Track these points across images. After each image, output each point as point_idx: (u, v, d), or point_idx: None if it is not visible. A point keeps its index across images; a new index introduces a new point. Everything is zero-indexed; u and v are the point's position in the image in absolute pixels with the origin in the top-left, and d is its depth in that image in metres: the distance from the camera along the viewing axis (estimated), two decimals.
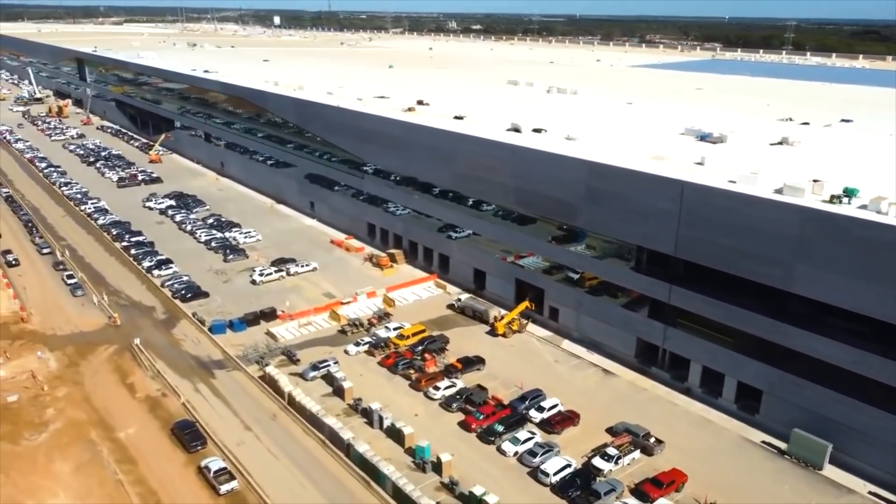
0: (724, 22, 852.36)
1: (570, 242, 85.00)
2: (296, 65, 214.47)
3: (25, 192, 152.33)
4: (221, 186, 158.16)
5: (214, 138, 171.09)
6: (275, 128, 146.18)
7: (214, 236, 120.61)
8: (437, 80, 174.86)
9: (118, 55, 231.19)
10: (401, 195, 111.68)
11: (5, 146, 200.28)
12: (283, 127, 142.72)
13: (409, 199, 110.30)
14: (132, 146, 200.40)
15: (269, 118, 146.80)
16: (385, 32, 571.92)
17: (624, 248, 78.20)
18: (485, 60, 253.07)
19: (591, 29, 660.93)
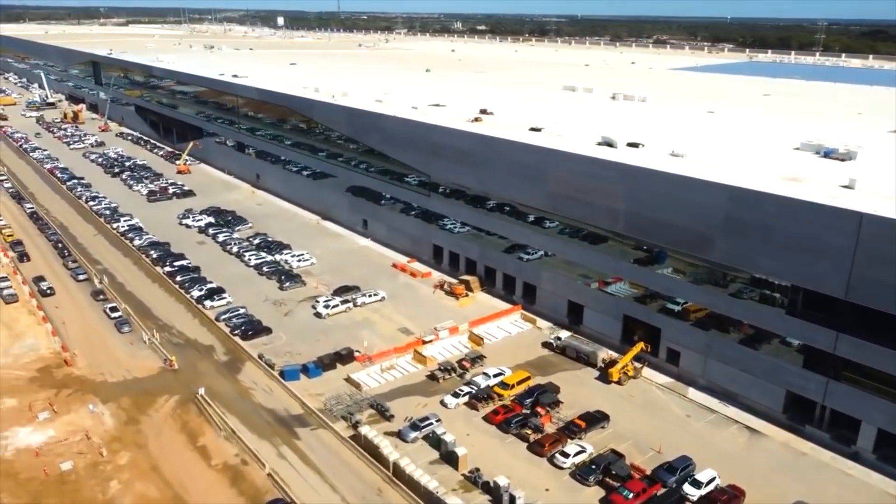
0: (727, 22, 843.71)
1: (696, 278, 74.38)
2: (325, 68, 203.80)
3: (50, 207, 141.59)
4: (259, 200, 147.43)
5: (248, 148, 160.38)
6: (320, 138, 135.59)
7: (265, 260, 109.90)
8: (484, 86, 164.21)
9: (139, 58, 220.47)
10: (473, 215, 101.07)
11: (23, 155, 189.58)
12: (329, 137, 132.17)
13: (482, 219, 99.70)
14: (156, 155, 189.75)
15: (314, 127, 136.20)
16: (390, 33, 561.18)
17: (761, 283, 67.62)
18: (517, 63, 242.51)
19: (596, 29, 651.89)
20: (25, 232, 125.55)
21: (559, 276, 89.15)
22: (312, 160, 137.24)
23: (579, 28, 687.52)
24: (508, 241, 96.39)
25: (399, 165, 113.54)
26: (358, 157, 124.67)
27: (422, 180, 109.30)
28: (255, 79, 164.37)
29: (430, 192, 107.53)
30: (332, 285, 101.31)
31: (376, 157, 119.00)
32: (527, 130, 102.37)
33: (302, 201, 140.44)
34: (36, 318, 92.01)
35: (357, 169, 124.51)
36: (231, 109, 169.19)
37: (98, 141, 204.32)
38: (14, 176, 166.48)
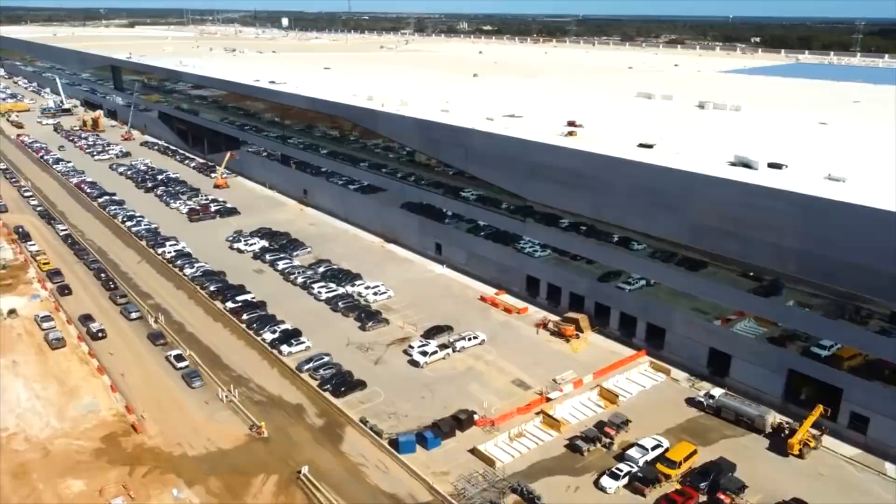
0: (728, 21, 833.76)
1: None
2: (363, 73, 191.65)
3: (84, 228, 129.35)
4: (311, 220, 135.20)
5: (294, 161, 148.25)
6: (382, 152, 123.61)
7: (336, 292, 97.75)
8: (547, 93, 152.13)
9: (164, 63, 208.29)
10: (582, 244, 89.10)
11: (46, 167, 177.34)
12: (392, 151, 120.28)
13: (593, 250, 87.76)
14: (188, 167, 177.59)
15: (375, 140, 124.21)
16: (395, 33, 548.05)
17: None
18: (560, 66, 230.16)
19: (604, 29, 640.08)
20: (62, 259, 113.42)
21: (695, 318, 77.10)
22: (373, 176, 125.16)
23: (586, 28, 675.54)
24: (620, 273, 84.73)
25: (484, 185, 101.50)
26: (430, 175, 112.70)
27: (515, 203, 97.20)
28: (296, 85, 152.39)
29: (526, 218, 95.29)
30: (419, 324, 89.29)
31: (453, 175, 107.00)
32: (635, 147, 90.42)
33: (360, 221, 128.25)
34: (89, 368, 79.93)
35: (429, 188, 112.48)
36: (273, 118, 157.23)
37: (123, 151, 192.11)
38: (39, 191, 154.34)
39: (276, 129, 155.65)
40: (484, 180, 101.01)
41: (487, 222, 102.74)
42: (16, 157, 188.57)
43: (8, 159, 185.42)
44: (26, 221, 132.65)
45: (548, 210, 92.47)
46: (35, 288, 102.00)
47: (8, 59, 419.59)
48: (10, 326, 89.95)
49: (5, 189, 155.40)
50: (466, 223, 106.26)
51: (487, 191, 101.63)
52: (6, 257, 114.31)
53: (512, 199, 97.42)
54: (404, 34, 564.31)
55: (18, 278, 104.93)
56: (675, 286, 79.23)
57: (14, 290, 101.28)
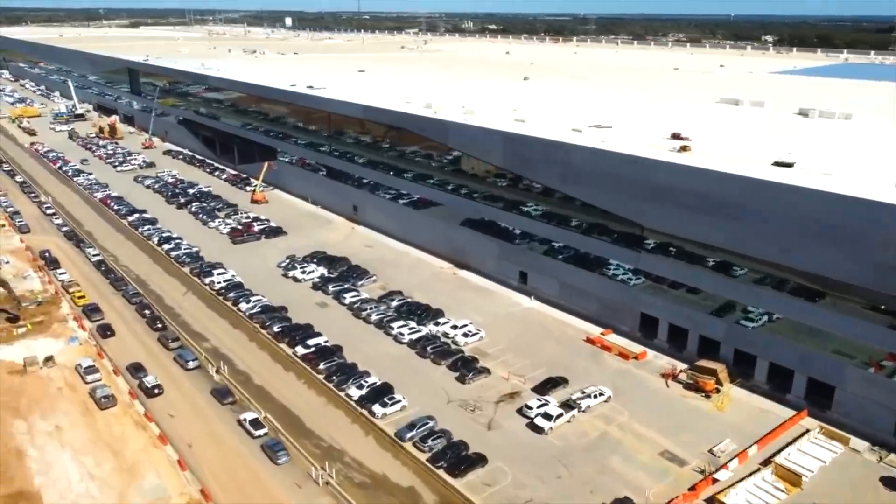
0: (730, 20, 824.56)
1: None
2: (401, 76, 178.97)
3: (118, 253, 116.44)
4: (366, 240, 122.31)
5: (342, 173, 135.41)
6: (451, 167, 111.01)
7: (420, 333, 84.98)
8: (616, 98, 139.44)
9: (186, 65, 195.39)
10: (716, 281, 76.45)
11: (66, 180, 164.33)
12: (462, 166, 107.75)
13: (732, 288, 75.13)
14: (218, 179, 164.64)
15: (441, 154, 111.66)
16: (409, 33, 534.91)
17: None
18: (602, 67, 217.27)
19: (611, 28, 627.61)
20: (97, 290, 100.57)
21: (876, 376, 64.45)
22: (437, 192, 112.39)
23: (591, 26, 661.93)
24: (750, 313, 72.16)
25: (583, 208, 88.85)
26: (511, 194, 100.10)
27: (622, 229, 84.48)
28: (337, 90, 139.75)
29: (641, 249, 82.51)
30: (526, 374, 76.56)
31: (542, 196, 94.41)
32: (770, 165, 77.79)
33: (422, 242, 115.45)
34: (148, 435, 67.19)
35: (510, 208, 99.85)
36: (315, 127, 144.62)
37: (146, 161, 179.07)
38: (62, 208, 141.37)
39: (319, 138, 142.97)
40: (585, 202, 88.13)
41: (587, 249, 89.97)
42: (32, 169, 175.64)
43: (24, 171, 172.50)
44: (52, 244, 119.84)
45: (664, 238, 79.79)
46: (71, 328, 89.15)
47: (12, 60, 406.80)
48: (47, 378, 77.19)
49: (25, 205, 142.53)
50: (552, 246, 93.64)
51: (582, 213, 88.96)
52: (34, 288, 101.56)
53: (616, 223, 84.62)
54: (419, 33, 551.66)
55: (51, 315, 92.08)
56: (845, 332, 66.68)
57: (47, 329, 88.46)
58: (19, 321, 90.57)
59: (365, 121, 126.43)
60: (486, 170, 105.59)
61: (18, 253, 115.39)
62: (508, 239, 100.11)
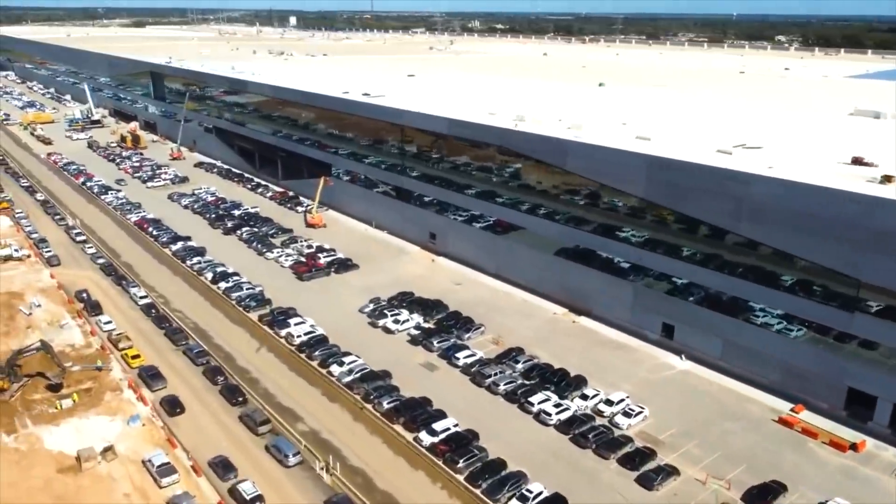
0: (733, 19, 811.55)
1: None
2: (456, 81, 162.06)
3: (167, 292, 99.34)
4: (453, 276, 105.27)
5: (412, 193, 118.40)
6: (565, 196, 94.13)
7: (568, 410, 67.97)
8: (715, 108, 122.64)
9: (217, 69, 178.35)
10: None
11: (92, 198, 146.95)
12: (577, 193, 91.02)
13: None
14: (263, 197, 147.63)
15: (531, 172, 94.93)
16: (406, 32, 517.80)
17: None
18: (665, 71, 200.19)
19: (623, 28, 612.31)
20: (152, 345, 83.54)
21: None
22: (547, 223, 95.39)
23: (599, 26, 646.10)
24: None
25: (746, 248, 72.01)
26: (641, 224, 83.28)
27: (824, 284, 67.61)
28: (398, 98, 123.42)
29: (856, 310, 65.51)
30: (724, 475, 59.59)
31: (685, 230, 77.60)
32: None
33: (526, 281, 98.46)
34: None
35: (646, 245, 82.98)
36: (377, 140, 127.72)
37: (178, 175, 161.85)
38: (93, 233, 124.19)
39: (385, 153, 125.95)
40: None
41: (763, 301, 73.10)
42: (52, 184, 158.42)
43: (44, 187, 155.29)
44: (88, 281, 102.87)
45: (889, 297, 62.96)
46: (128, 399, 72.19)
47: (17, 61, 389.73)
48: (109, 478, 60.23)
49: (50, 230, 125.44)
50: (708, 293, 76.76)
51: (744, 253, 72.13)
52: (75, 341, 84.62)
53: (803, 273, 67.72)
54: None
55: (101, 382, 74.98)
56: None
57: (99, 402, 71.54)
58: (62, 389, 73.75)
59: (444, 136, 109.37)
60: (600, 193, 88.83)
61: (50, 293, 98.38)
62: (650, 284, 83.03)
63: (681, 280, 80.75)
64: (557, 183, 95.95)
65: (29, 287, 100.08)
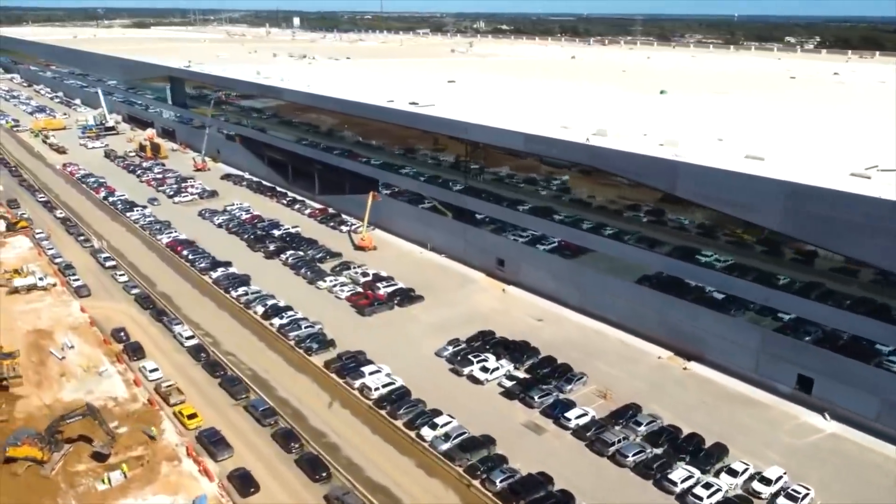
0: (734, 20, 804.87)
1: None
2: (500, 88, 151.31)
3: (215, 330, 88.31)
4: (533, 311, 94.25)
5: (476, 215, 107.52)
6: (665, 221, 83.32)
7: (718, 490, 56.91)
8: (804, 120, 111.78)
9: (244, 74, 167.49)
10: None
11: (116, 215, 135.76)
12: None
13: None
14: (301, 214, 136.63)
15: (627, 195, 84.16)
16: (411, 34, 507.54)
17: None
18: (719, 77, 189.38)
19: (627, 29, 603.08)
20: (207, 399, 72.70)
21: None
22: (654, 257, 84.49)
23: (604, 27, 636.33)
24: None
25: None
26: (784, 266, 72.41)
27: None
28: (454, 110, 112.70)
29: None
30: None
31: (848, 273, 66.77)
32: None
33: (615, 316, 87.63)
34: None
35: (768, 281, 72.17)
36: (432, 154, 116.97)
37: (206, 189, 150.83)
38: (122, 257, 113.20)
39: (442, 169, 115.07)
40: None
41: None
42: (72, 199, 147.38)
43: (63, 202, 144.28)
44: (124, 316, 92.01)
45: None
46: (190, 473, 61.18)
47: (21, 63, 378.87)
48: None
49: (75, 253, 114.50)
50: (853, 341, 65.93)
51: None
52: (118, 394, 73.65)
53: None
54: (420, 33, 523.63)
55: (154, 450, 63.88)
56: None
57: (155, 478, 60.49)
58: (109, 458, 62.77)
59: (517, 152, 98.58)
60: (714, 222, 78.21)
61: (83, 331, 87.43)
62: (790, 330, 72.14)
63: (820, 324, 69.81)
64: (656, 206, 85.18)
65: (58, 323, 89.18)
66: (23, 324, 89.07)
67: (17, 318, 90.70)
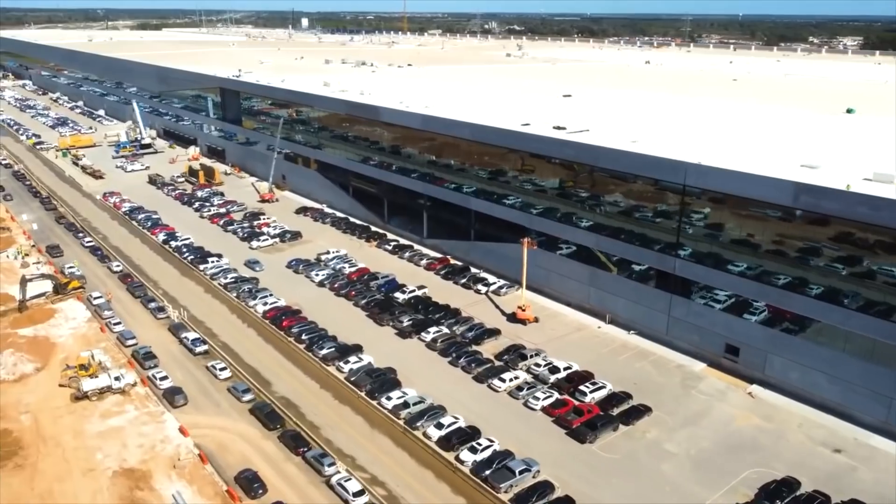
0: (738, 20, 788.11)
1: None
2: (629, 104, 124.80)
3: (384, 471, 61.26)
4: (822, 437, 67.21)
5: (698, 285, 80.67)
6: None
7: None
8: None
9: (314, 87, 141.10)
10: None
11: (186, 269, 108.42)
12: None
13: None
14: (415, 265, 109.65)
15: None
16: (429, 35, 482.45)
17: None
18: (820, 87, 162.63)
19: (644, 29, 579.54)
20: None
21: None
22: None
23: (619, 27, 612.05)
24: None
25: None
26: None
27: None
28: (612, 136, 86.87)
29: None
30: None
31: None
32: None
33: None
34: None
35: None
36: (610, 196, 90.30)
37: (289, 230, 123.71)
38: (213, 337, 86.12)
39: (625, 217, 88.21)
40: None
41: None
42: (125, 243, 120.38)
43: (114, 247, 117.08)
44: (242, 441, 65.35)
45: None
46: None
47: (31, 67, 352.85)
48: None
49: (148, 327, 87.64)
50: None
51: None
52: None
53: None
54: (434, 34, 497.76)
55: None
56: None
57: None
58: None
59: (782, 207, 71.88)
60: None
61: (194, 473, 60.53)
62: None
63: None
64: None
65: (154, 458, 62.52)
66: (105, 458, 62.45)
67: (95, 446, 64.22)
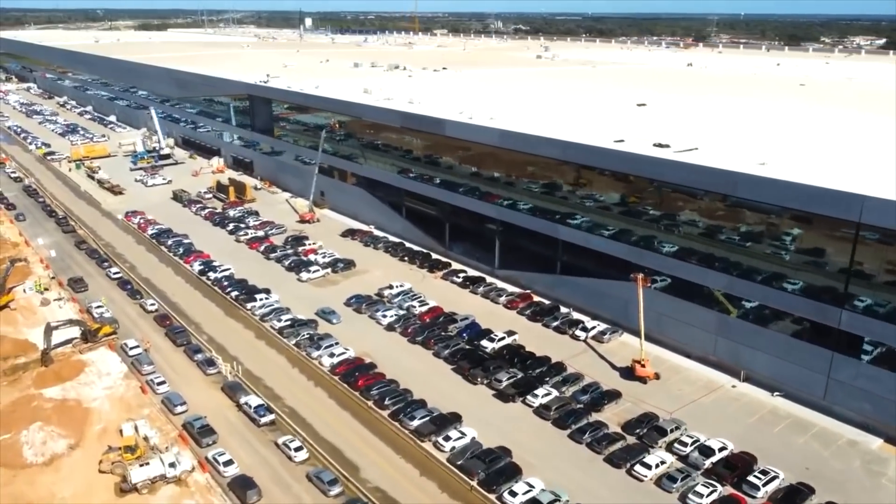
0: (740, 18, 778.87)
1: None
2: (714, 115, 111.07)
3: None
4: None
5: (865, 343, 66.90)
6: None
7: None
8: None
9: (350, 94, 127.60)
10: None
11: (230, 308, 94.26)
12: None
13: None
14: (492, 302, 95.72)
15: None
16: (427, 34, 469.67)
17: None
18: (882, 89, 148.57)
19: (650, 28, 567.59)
20: None
21: None
22: None
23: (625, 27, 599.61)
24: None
25: None
26: None
27: None
28: (722, 157, 73.02)
29: None
30: None
31: None
32: None
33: None
34: None
35: None
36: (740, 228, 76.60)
37: (339, 259, 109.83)
38: (276, 399, 72.23)
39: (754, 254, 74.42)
40: None
41: None
42: (156, 273, 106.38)
43: (146, 280, 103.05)
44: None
45: None
46: None
47: (34, 69, 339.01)
48: None
49: (197, 387, 73.76)
50: None
51: None
52: None
53: None
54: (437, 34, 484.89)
55: None
56: None
57: None
58: None
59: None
60: None
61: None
62: None
63: None
64: None
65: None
66: None
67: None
